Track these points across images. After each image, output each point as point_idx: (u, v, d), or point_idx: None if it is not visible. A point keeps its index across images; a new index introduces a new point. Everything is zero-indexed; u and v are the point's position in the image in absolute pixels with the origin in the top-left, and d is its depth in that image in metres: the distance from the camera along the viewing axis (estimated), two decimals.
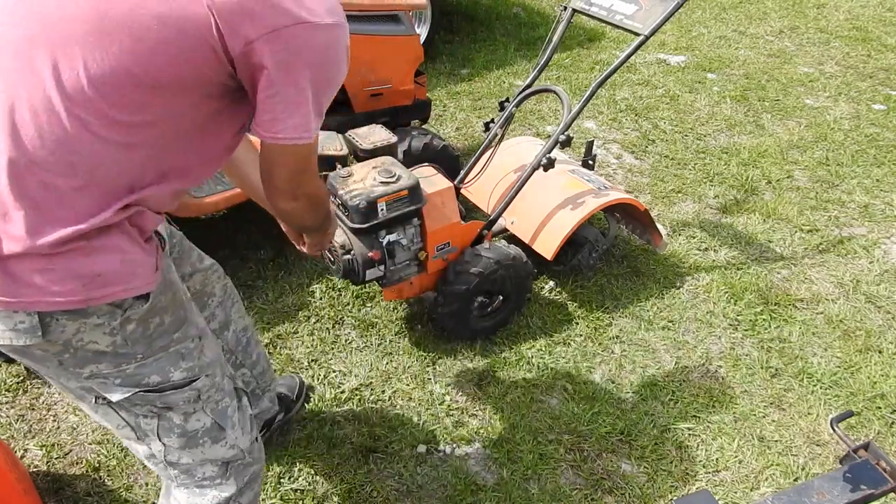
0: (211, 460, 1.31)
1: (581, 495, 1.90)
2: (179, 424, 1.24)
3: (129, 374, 1.14)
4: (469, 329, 2.30)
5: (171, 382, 1.19)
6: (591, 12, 2.30)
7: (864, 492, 1.41)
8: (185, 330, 1.21)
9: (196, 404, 1.24)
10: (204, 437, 1.28)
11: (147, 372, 1.16)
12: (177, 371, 1.19)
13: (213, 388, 1.26)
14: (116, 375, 1.14)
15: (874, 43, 4.96)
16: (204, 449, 1.29)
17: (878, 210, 3.16)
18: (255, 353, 1.81)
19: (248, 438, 1.35)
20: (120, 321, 1.09)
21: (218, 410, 1.29)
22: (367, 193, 1.88)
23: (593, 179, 2.54)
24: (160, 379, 1.17)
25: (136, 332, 1.12)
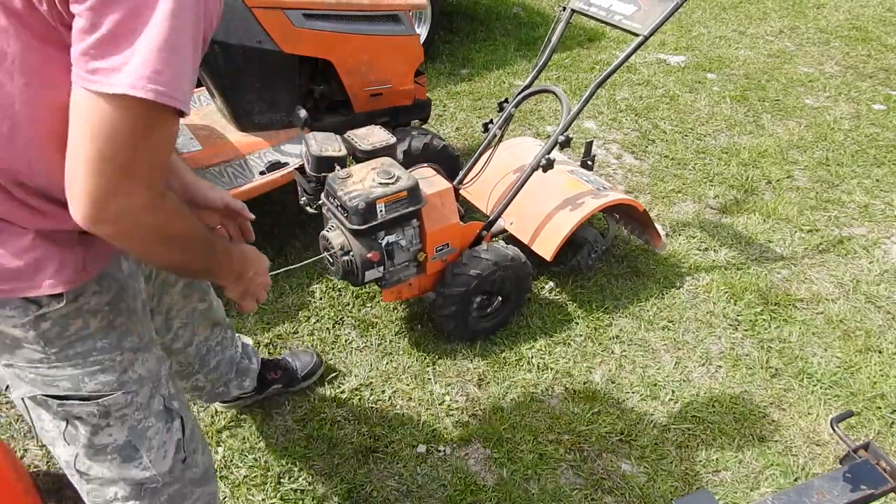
0: (123, 479, 1.21)
1: (581, 495, 1.90)
2: (86, 436, 1.15)
3: (41, 374, 1.07)
4: (469, 330, 2.30)
5: (79, 394, 1.09)
6: (590, 13, 2.30)
7: (864, 492, 1.41)
8: (115, 339, 1.10)
9: (105, 419, 1.14)
10: (113, 454, 1.18)
11: (58, 376, 1.07)
12: (91, 382, 1.09)
13: (130, 407, 1.15)
14: (30, 370, 1.06)
15: (874, 43, 4.96)
16: (111, 466, 1.19)
17: (878, 210, 3.16)
18: (214, 361, 1.77)
19: (168, 463, 1.24)
20: (33, 318, 0.99)
21: (137, 430, 1.18)
22: (365, 194, 1.88)
23: (592, 180, 2.54)
24: (70, 386, 1.08)
25: (50, 331, 1.02)
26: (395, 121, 2.87)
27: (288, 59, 2.42)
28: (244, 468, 1.94)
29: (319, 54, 2.48)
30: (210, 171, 2.38)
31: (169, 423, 1.24)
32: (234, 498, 1.86)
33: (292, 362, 2.12)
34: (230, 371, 1.87)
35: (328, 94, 2.67)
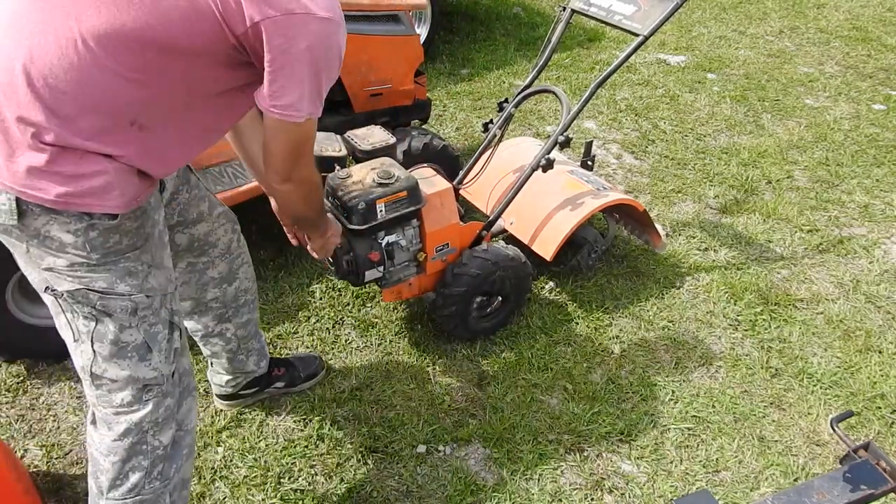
0: (132, 380, 1.39)
1: (581, 495, 1.90)
2: (114, 332, 1.34)
3: (80, 276, 1.27)
4: (469, 330, 2.30)
5: (115, 291, 1.31)
6: (590, 13, 2.30)
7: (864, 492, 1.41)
8: (138, 255, 1.33)
9: (132, 318, 1.34)
10: (132, 353, 1.37)
11: (96, 277, 1.28)
12: (121, 284, 1.31)
13: (149, 310, 1.37)
14: (69, 273, 1.27)
15: (874, 43, 4.96)
16: (130, 363, 1.38)
17: (878, 210, 3.16)
18: (245, 315, 1.89)
19: (169, 367, 1.44)
20: (85, 226, 1.22)
21: (150, 332, 1.39)
22: (365, 195, 1.88)
23: (592, 180, 2.54)
24: (106, 285, 1.29)
25: (96, 240, 1.24)
26: (395, 121, 2.87)
27: None
28: (244, 468, 1.94)
29: None
30: (210, 171, 2.38)
31: (171, 332, 1.44)
32: (234, 498, 1.86)
33: (296, 363, 2.15)
34: (256, 337, 1.97)
35: (328, 93, 2.67)
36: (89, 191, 1.19)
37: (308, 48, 1.16)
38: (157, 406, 1.43)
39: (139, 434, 1.43)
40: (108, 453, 1.44)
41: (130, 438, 1.42)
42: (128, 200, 1.25)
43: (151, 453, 1.45)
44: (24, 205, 1.18)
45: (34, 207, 1.19)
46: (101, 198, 1.21)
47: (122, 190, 1.22)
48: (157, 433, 1.45)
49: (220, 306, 1.83)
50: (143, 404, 1.42)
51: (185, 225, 1.64)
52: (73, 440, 2.01)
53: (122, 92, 1.16)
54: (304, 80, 1.19)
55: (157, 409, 1.44)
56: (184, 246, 1.67)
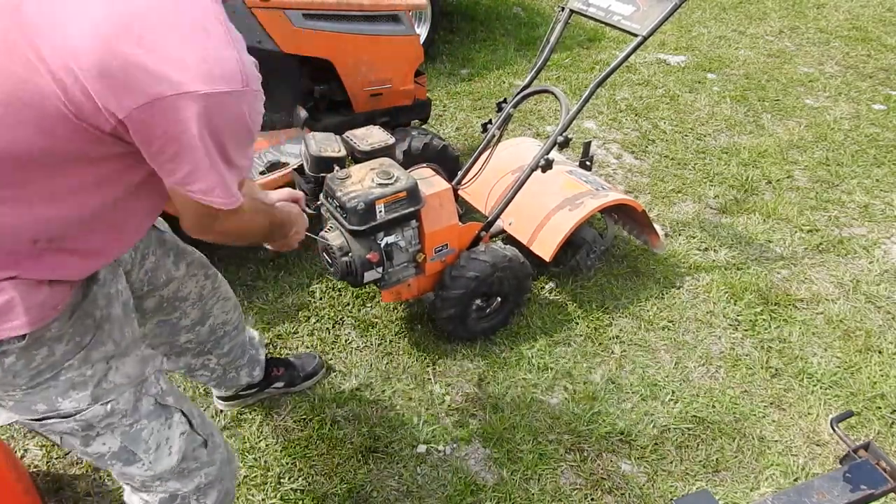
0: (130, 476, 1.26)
1: (581, 495, 1.90)
2: (80, 448, 1.19)
3: (18, 401, 1.11)
4: (468, 331, 2.30)
5: (58, 412, 1.12)
6: (588, 13, 2.30)
7: (864, 492, 1.41)
8: (84, 356, 1.13)
9: (90, 431, 1.17)
10: (112, 461, 1.22)
11: (33, 400, 1.11)
12: (65, 400, 1.12)
13: (114, 416, 1.18)
14: (6, 399, 1.11)
15: (874, 43, 4.96)
16: (116, 470, 1.24)
17: (878, 210, 3.16)
18: (227, 345, 1.81)
19: (174, 459, 1.28)
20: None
21: (129, 434, 1.21)
22: (365, 195, 1.88)
23: (591, 180, 2.54)
24: (46, 408, 1.12)
25: (15, 364, 1.06)
26: (395, 121, 2.87)
27: (288, 59, 2.42)
28: (244, 468, 1.94)
29: (319, 54, 2.48)
30: None
31: (168, 419, 1.27)
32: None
33: (295, 362, 2.14)
34: (242, 356, 1.90)
35: (328, 94, 2.67)
36: None
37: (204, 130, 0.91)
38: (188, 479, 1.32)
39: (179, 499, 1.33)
40: None
41: None
42: (36, 317, 1.03)
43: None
44: None
45: None
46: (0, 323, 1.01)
47: (27, 306, 1.01)
48: (202, 497, 1.36)
49: (196, 346, 1.72)
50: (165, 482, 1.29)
51: (154, 288, 1.50)
52: None
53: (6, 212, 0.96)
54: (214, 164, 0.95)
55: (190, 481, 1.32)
56: (152, 309, 1.54)
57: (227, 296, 1.76)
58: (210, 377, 1.87)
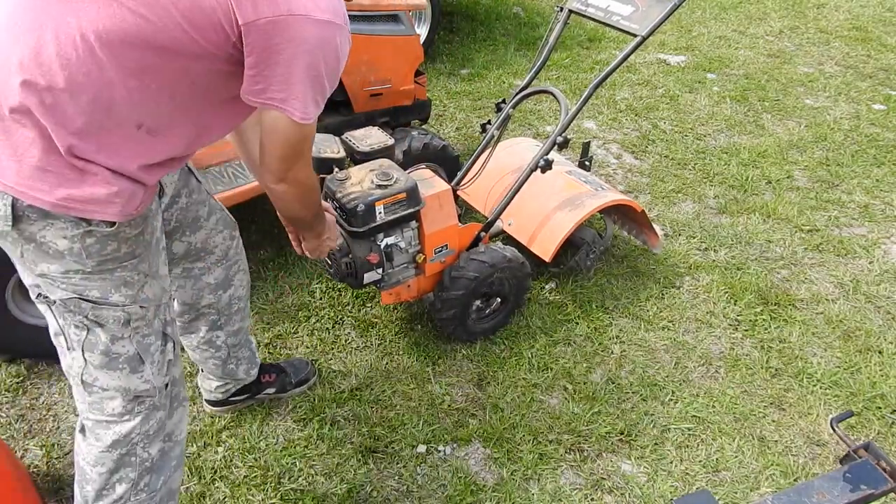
0: (124, 390, 1.37)
1: (581, 495, 1.90)
2: (105, 343, 1.32)
3: (74, 284, 1.25)
4: (468, 332, 2.30)
5: (108, 300, 1.28)
6: (587, 13, 2.30)
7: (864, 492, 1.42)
8: (134, 264, 1.30)
9: (125, 329, 1.32)
10: (124, 364, 1.35)
11: (90, 285, 1.26)
12: (116, 294, 1.29)
13: (142, 321, 1.35)
14: (63, 280, 1.24)
15: (874, 43, 4.96)
16: (121, 374, 1.36)
17: (878, 210, 3.16)
18: (237, 324, 1.87)
19: (161, 379, 1.42)
20: (82, 232, 1.20)
21: (143, 344, 1.37)
22: (364, 196, 1.88)
23: (590, 181, 2.55)
24: (99, 295, 1.27)
25: (92, 246, 1.22)
26: (395, 121, 2.87)
27: None
28: (244, 468, 1.94)
29: None
30: (210, 170, 2.38)
31: (164, 344, 1.42)
32: (234, 498, 1.86)
33: (287, 368, 2.13)
34: (246, 345, 1.95)
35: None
36: (91, 197, 1.16)
37: (308, 51, 1.13)
38: (147, 418, 1.42)
39: (128, 445, 1.41)
40: (95, 464, 1.42)
41: (119, 450, 1.41)
42: (129, 209, 1.22)
43: (139, 465, 1.44)
44: (20, 209, 1.16)
45: (30, 213, 1.16)
46: (102, 205, 1.18)
47: (124, 198, 1.20)
48: (147, 445, 1.44)
49: (214, 313, 1.80)
50: (133, 415, 1.40)
51: (182, 232, 1.61)
52: (74, 440, 2.00)
53: (124, 92, 1.12)
54: (304, 80, 1.16)
55: (147, 420, 1.42)
56: (180, 254, 1.65)
57: (246, 269, 1.83)
58: (213, 355, 1.89)
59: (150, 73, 1.13)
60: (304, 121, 1.19)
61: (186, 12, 1.08)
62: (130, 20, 1.07)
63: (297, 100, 1.17)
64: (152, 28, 1.07)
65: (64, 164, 1.14)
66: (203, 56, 1.13)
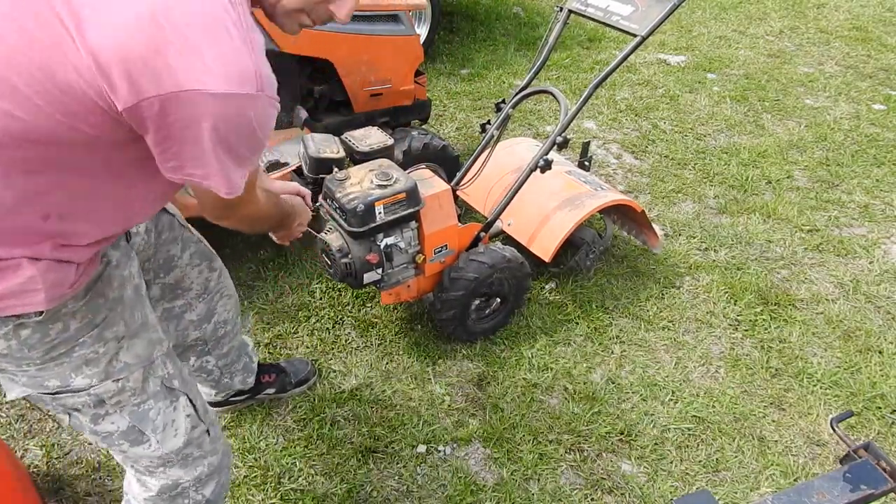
0: (137, 458, 1.29)
1: (581, 495, 1.90)
2: (88, 426, 1.22)
3: (31, 376, 1.13)
4: (468, 332, 2.30)
5: (70, 387, 1.15)
6: (587, 13, 2.30)
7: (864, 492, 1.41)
8: (97, 334, 1.16)
9: (101, 408, 1.20)
10: (120, 440, 1.24)
11: (46, 376, 1.13)
12: (78, 377, 1.15)
13: (124, 394, 1.21)
14: (20, 374, 1.13)
15: (874, 43, 4.96)
16: (124, 450, 1.26)
17: (878, 210, 3.16)
18: (226, 346, 1.82)
19: (181, 440, 1.31)
20: (12, 328, 1.06)
21: (137, 413, 1.24)
22: (364, 196, 1.88)
23: (590, 181, 2.55)
24: (59, 383, 1.15)
25: (31, 337, 1.08)
26: (395, 121, 2.87)
27: (288, 59, 2.42)
28: (244, 468, 1.94)
29: (319, 54, 2.48)
30: None
31: (173, 401, 1.29)
32: (234, 498, 1.86)
33: (287, 368, 2.12)
34: (239, 360, 1.91)
35: (328, 94, 2.67)
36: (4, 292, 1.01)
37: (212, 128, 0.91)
38: (191, 467, 1.34)
39: (179, 489, 1.35)
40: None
41: (170, 493, 1.35)
42: (58, 292, 1.06)
43: None
44: None
45: None
46: (19, 297, 1.02)
47: (46, 282, 1.03)
48: (200, 488, 1.38)
49: (201, 343, 1.75)
50: (170, 467, 1.32)
51: (155, 274, 1.52)
52: (73, 440, 2.01)
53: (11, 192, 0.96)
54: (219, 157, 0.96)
55: (193, 469, 1.35)
56: (156, 297, 1.57)
57: (230, 293, 1.77)
58: (207, 377, 1.87)
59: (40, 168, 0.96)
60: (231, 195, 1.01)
61: (53, 102, 0.89)
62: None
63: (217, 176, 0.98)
64: (21, 124, 0.90)
65: None
66: (96, 143, 0.96)
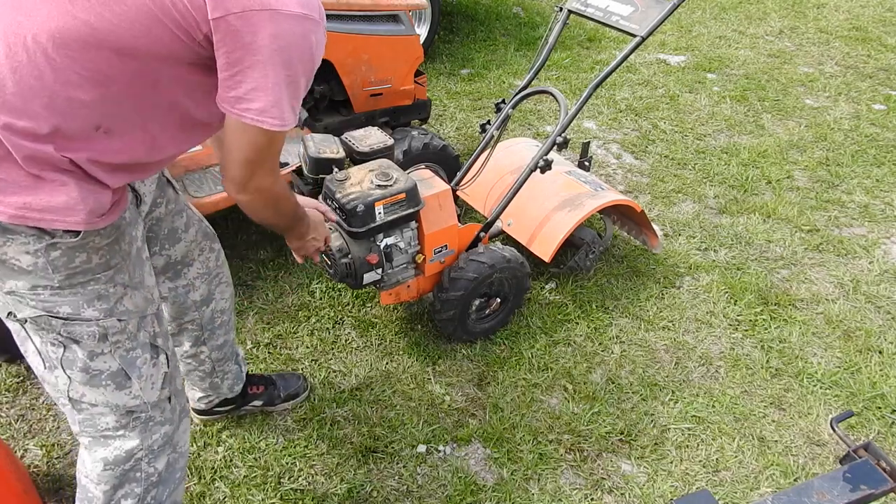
0: (113, 406, 1.31)
1: (581, 495, 1.90)
2: (83, 360, 1.25)
3: (43, 300, 1.17)
4: (468, 332, 2.30)
5: (80, 316, 1.21)
6: (586, 13, 2.30)
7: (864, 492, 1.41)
8: (109, 276, 1.23)
9: (102, 345, 1.25)
10: (107, 381, 1.29)
11: (60, 301, 1.18)
12: (89, 308, 1.21)
13: (122, 335, 1.27)
14: (31, 297, 1.17)
15: (874, 43, 4.96)
16: (106, 391, 1.29)
17: (878, 210, 3.16)
18: (221, 338, 1.82)
19: (156, 394, 1.35)
20: (45, 245, 1.12)
21: (127, 358, 1.29)
22: (364, 197, 1.88)
23: (590, 181, 2.55)
24: (71, 311, 1.20)
25: (58, 259, 1.14)
26: (395, 121, 2.87)
27: None
28: (244, 468, 1.94)
29: None
30: (210, 170, 2.38)
31: (155, 357, 1.35)
32: (234, 498, 1.86)
33: (277, 381, 2.09)
34: (231, 358, 1.90)
35: (328, 94, 2.67)
36: (48, 205, 1.08)
37: (282, 48, 1.04)
38: (149, 433, 1.36)
39: (132, 461, 1.36)
40: (98, 482, 1.37)
41: (122, 466, 1.36)
42: (92, 217, 1.13)
43: (145, 480, 1.39)
44: None
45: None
46: (62, 213, 1.09)
47: (86, 205, 1.11)
48: (153, 460, 1.39)
49: (196, 328, 1.75)
50: (129, 430, 1.34)
51: (160, 244, 1.55)
52: (74, 440, 2.01)
53: (79, 94, 1.04)
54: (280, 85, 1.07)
55: (149, 435, 1.37)
56: (160, 268, 1.59)
57: (228, 281, 1.79)
58: (197, 369, 1.85)
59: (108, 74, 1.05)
60: (282, 128, 1.12)
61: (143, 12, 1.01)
62: (83, 21, 1.00)
63: (274, 108, 1.09)
64: (108, 30, 1.01)
65: (18, 170, 1.06)
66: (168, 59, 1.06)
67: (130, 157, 1.17)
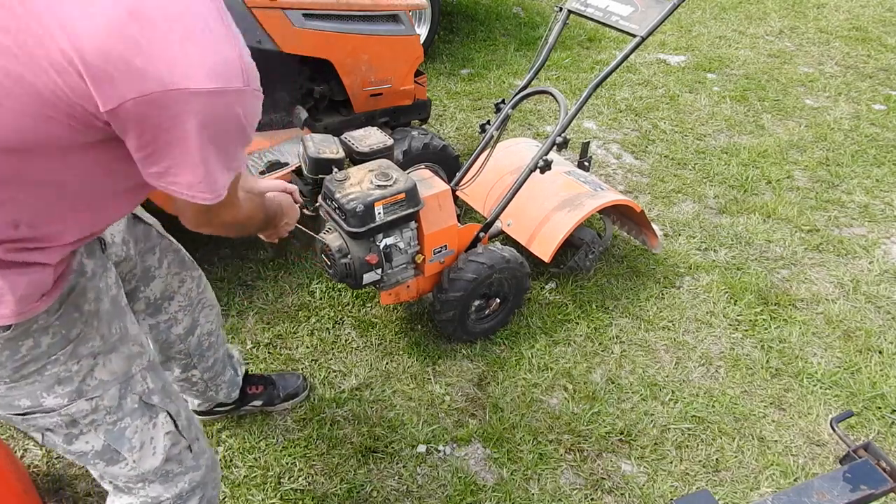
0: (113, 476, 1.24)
1: (581, 495, 1.90)
2: (62, 446, 1.16)
3: (1, 395, 1.07)
4: (468, 333, 2.30)
5: (41, 407, 1.09)
6: (586, 13, 2.30)
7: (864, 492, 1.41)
8: (71, 350, 1.10)
9: (74, 428, 1.14)
10: (95, 460, 1.20)
11: (17, 395, 1.08)
12: (50, 397, 1.09)
13: (98, 413, 1.15)
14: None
15: (874, 43, 4.95)
16: (98, 468, 1.22)
17: (878, 210, 3.16)
18: (211, 358, 1.79)
19: (158, 458, 1.25)
20: None
21: (113, 432, 1.18)
22: (363, 197, 1.88)
23: (589, 181, 2.55)
24: (30, 403, 1.09)
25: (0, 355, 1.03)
26: (395, 121, 2.87)
27: (288, 59, 2.42)
28: (244, 468, 1.94)
29: (319, 54, 2.48)
30: None
31: (152, 418, 1.24)
32: (234, 498, 1.86)
33: (277, 381, 2.09)
34: (224, 372, 1.88)
35: (328, 94, 2.67)
36: None
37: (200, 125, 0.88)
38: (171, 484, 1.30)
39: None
40: None
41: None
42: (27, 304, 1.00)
43: None
44: None
45: None
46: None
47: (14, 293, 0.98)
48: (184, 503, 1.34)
49: (184, 357, 1.71)
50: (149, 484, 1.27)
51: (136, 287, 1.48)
52: None
53: None
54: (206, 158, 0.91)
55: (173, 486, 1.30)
56: (140, 309, 1.54)
57: (212, 303, 1.74)
58: (191, 388, 1.84)
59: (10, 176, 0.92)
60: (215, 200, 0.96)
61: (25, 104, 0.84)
62: None
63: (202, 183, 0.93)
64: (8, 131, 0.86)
65: None
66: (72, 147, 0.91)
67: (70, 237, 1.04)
